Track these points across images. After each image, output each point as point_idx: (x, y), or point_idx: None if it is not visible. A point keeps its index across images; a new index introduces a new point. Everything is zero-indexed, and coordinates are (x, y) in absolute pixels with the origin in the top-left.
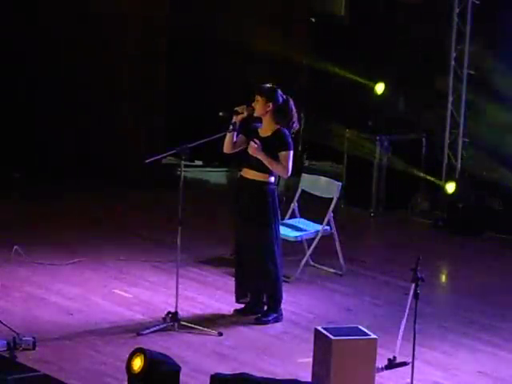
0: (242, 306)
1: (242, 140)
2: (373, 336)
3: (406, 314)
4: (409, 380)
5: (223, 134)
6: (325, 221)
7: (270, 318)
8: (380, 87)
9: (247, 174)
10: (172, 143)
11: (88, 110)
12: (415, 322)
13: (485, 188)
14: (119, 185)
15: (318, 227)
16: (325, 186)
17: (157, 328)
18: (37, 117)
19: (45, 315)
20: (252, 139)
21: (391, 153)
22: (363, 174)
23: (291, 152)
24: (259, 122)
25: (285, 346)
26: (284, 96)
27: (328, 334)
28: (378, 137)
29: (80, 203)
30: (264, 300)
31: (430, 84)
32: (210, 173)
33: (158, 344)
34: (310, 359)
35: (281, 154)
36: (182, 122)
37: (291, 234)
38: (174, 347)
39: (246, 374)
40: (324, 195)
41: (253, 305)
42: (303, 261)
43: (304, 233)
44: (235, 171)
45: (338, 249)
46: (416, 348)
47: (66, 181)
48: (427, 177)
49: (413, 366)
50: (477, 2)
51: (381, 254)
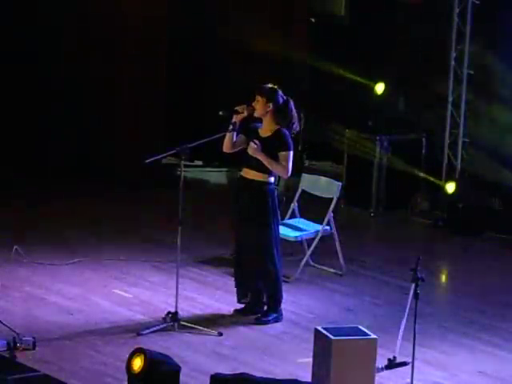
0: (242, 306)
1: (242, 140)
2: (373, 336)
3: (406, 314)
4: (409, 380)
5: (223, 134)
6: (325, 221)
7: (270, 318)
8: (380, 87)
9: (247, 174)
10: (172, 143)
11: (88, 110)
12: (415, 322)
13: (485, 188)
14: (119, 185)
15: (318, 227)
16: (325, 186)
17: (157, 328)
18: (37, 117)
19: (45, 315)
20: (252, 139)
21: (391, 153)
22: (363, 174)
23: (291, 152)
24: (259, 122)
25: (285, 346)
26: (284, 97)
27: (328, 334)
28: (378, 137)
29: (80, 203)
30: (264, 300)
31: (430, 84)
32: (210, 173)
33: (158, 344)
34: (310, 359)
35: (281, 155)
36: (182, 122)
37: (291, 234)
38: (174, 347)
39: (246, 374)
40: (324, 195)
41: (253, 305)
42: (303, 261)
43: (304, 233)
44: (235, 171)
45: (338, 249)
46: (416, 348)
47: (66, 181)
48: (427, 177)
49: (413, 366)
50: (477, 2)
51: (381, 254)
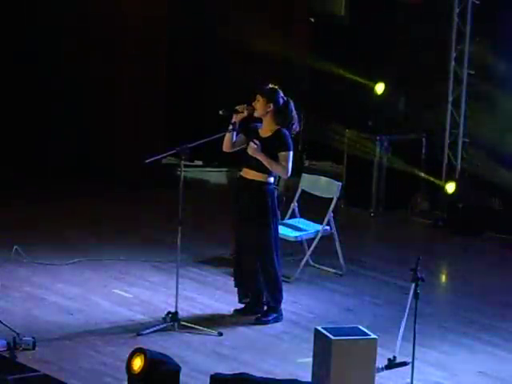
0: (242, 306)
1: (242, 140)
2: (373, 336)
3: (406, 314)
4: (409, 380)
5: (223, 134)
6: (325, 221)
7: (270, 318)
8: (380, 87)
9: (247, 174)
10: (172, 143)
11: (88, 110)
12: (415, 322)
13: (485, 188)
14: (119, 185)
15: (318, 227)
16: (325, 186)
17: (157, 328)
18: (37, 117)
19: (45, 315)
20: (252, 139)
21: (391, 153)
22: (363, 174)
23: (291, 153)
24: (259, 122)
25: (285, 346)
26: (284, 97)
27: (328, 334)
28: (378, 137)
29: (80, 203)
30: (264, 300)
31: (430, 84)
32: (210, 173)
33: (158, 344)
34: (310, 359)
35: (281, 155)
36: (182, 122)
37: (291, 234)
38: (174, 347)
39: (246, 374)
40: (324, 195)
41: (253, 305)
42: (303, 261)
43: (304, 233)
44: (235, 171)
45: (338, 249)
46: (416, 348)
47: (66, 181)
48: (427, 177)
49: (413, 366)
50: (477, 2)
51: (381, 254)
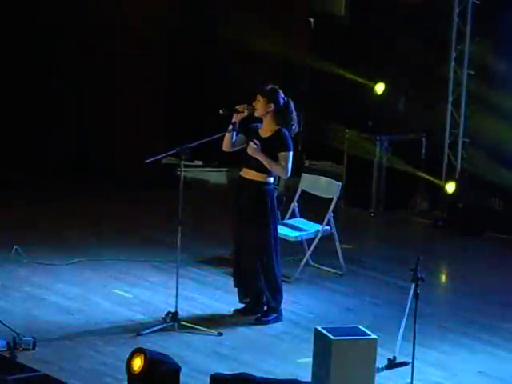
0: (242, 306)
1: (242, 139)
2: (373, 336)
3: (406, 314)
4: (409, 380)
5: (223, 134)
6: (325, 221)
7: (270, 318)
8: (380, 87)
9: (246, 175)
10: (172, 143)
11: (88, 110)
12: (415, 322)
13: (485, 188)
14: (119, 185)
15: (318, 227)
16: (325, 186)
17: (157, 328)
18: (37, 117)
19: (45, 315)
20: (252, 139)
21: (391, 153)
22: (363, 174)
23: (291, 153)
24: (259, 122)
25: (285, 346)
26: (285, 98)
27: (328, 334)
28: (378, 137)
29: (80, 203)
30: (264, 300)
31: (430, 84)
32: (210, 173)
33: (158, 344)
34: (310, 359)
35: (280, 155)
36: (182, 122)
37: (291, 234)
38: (174, 347)
39: (246, 374)
40: (324, 195)
41: (253, 305)
42: (303, 261)
43: (304, 233)
44: (235, 171)
45: (338, 249)
46: (416, 348)
47: (66, 181)
48: (427, 177)
49: (413, 366)
50: (477, 2)
51: (381, 254)
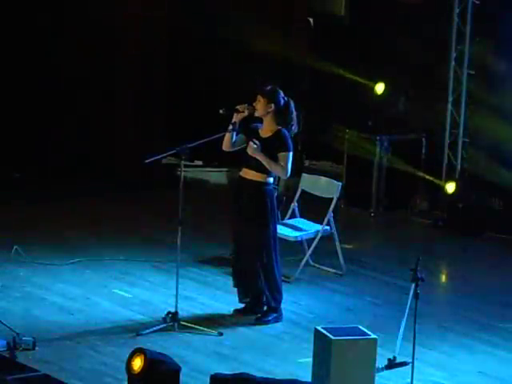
0: (242, 306)
1: (242, 139)
2: (373, 336)
3: (406, 314)
4: (409, 380)
5: (223, 134)
6: (325, 221)
7: (270, 318)
8: (380, 87)
9: (246, 175)
10: (172, 143)
11: (88, 110)
12: (415, 322)
13: (485, 188)
14: (119, 185)
15: (318, 227)
16: (325, 186)
17: (157, 328)
18: (37, 117)
19: (45, 315)
20: (251, 139)
21: (391, 153)
22: (363, 174)
23: (291, 153)
24: (259, 123)
25: (285, 346)
26: (285, 98)
27: (328, 334)
28: (378, 137)
29: (80, 203)
30: (264, 300)
31: (430, 84)
32: (210, 173)
33: (158, 344)
34: (310, 359)
35: (280, 155)
36: (182, 122)
37: (291, 234)
38: (174, 347)
39: (246, 374)
40: (324, 195)
41: (253, 305)
42: (303, 261)
43: (304, 233)
44: (235, 171)
45: (338, 249)
46: (416, 348)
47: (66, 181)
48: (427, 177)
49: (413, 366)
50: (477, 2)
51: (381, 254)
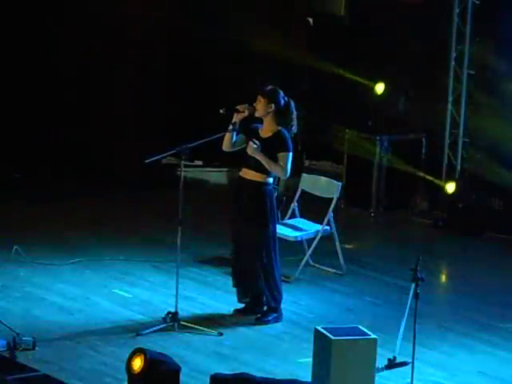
0: (242, 306)
1: (242, 139)
2: (373, 336)
3: (406, 314)
4: (409, 380)
5: (223, 134)
6: (325, 221)
7: (270, 318)
8: (380, 87)
9: (246, 175)
10: (172, 143)
11: (88, 110)
12: (415, 322)
13: (485, 188)
14: (119, 185)
15: (318, 227)
16: (325, 186)
17: (157, 328)
18: (37, 117)
19: (45, 315)
20: (251, 139)
21: (391, 153)
22: (363, 174)
23: (290, 154)
24: (259, 123)
25: (285, 346)
26: (285, 98)
27: (328, 334)
28: (378, 137)
29: (80, 203)
30: (264, 300)
31: (430, 84)
32: (210, 173)
33: (158, 344)
34: (310, 359)
35: (280, 155)
36: (182, 122)
37: (291, 234)
38: (174, 347)
39: (246, 374)
40: (324, 195)
41: (253, 305)
42: (303, 261)
43: (304, 233)
44: (235, 171)
45: (338, 249)
46: (416, 348)
47: (66, 181)
48: (427, 177)
49: (413, 366)
50: (477, 2)
51: (381, 254)
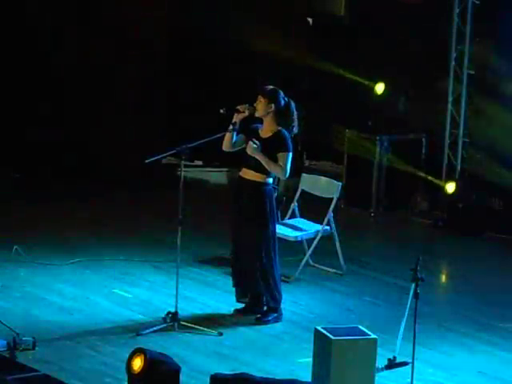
0: (242, 306)
1: (242, 140)
2: (373, 336)
3: (406, 314)
4: (409, 380)
5: (223, 134)
6: (325, 221)
7: (270, 318)
8: (380, 87)
9: (246, 175)
10: (172, 143)
11: (88, 110)
12: (415, 322)
13: (485, 188)
14: (119, 185)
15: (318, 227)
16: (325, 186)
17: (157, 328)
18: (37, 117)
19: (45, 315)
20: (251, 139)
21: (391, 153)
22: (363, 174)
23: (290, 154)
24: (259, 123)
25: (285, 346)
26: (286, 98)
27: (328, 334)
28: (378, 137)
29: (80, 203)
30: (264, 300)
31: (430, 84)
32: (210, 173)
33: (158, 344)
34: (310, 359)
35: (279, 155)
36: (182, 122)
37: (291, 234)
38: (174, 347)
39: (246, 374)
40: (324, 195)
41: (253, 305)
42: (303, 261)
43: (304, 233)
44: (235, 171)
45: (338, 249)
46: (416, 348)
47: (66, 181)
48: (427, 177)
49: (413, 366)
50: (477, 2)
51: (381, 254)
